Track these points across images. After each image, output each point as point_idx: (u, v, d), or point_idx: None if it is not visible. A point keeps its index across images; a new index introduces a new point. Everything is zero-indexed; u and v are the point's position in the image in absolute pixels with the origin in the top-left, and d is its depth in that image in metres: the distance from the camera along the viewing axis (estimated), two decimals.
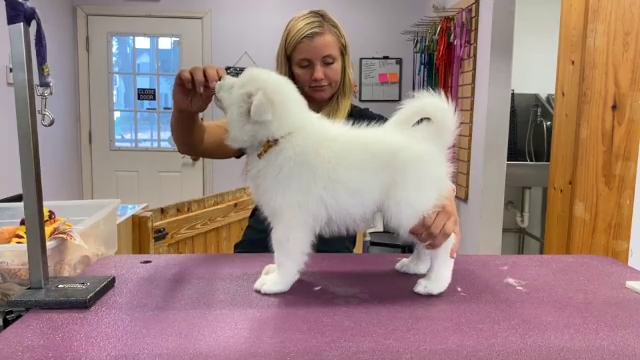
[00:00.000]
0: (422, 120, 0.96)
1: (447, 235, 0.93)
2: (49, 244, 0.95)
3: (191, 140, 1.29)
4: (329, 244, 1.00)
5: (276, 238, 0.94)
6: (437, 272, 0.94)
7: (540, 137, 4.34)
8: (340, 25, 1.48)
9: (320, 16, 1.44)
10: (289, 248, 0.93)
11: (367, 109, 1.59)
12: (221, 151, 1.39)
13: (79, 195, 4.75)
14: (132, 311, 0.84)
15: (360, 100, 4.90)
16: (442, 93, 0.92)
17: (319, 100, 1.47)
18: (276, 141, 0.93)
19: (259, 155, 0.94)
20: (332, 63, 1.45)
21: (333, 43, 1.45)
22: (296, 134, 0.93)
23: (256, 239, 1.47)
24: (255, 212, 1.61)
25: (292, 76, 1.46)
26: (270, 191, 0.93)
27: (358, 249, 3.17)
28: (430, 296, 0.93)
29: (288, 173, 0.92)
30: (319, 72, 1.43)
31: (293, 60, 1.46)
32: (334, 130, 0.97)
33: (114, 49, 4.91)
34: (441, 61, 3.98)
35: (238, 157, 1.50)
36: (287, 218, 0.92)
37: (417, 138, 0.94)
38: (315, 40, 1.41)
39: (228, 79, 1.02)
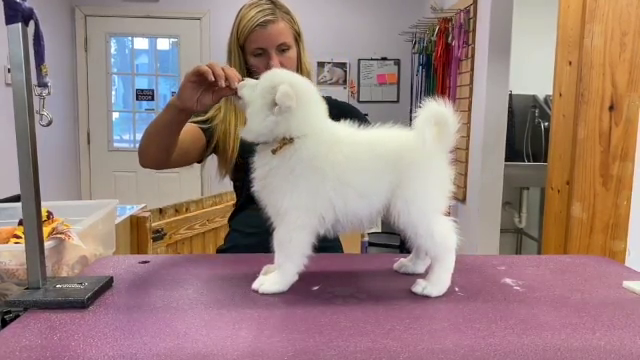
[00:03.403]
0: None
1: None
2: (47, 244, 0.95)
3: (171, 147, 1.25)
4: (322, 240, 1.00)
5: (278, 238, 0.94)
6: (437, 275, 0.94)
7: (538, 138, 4.35)
8: (292, 11, 1.44)
9: (271, 3, 1.40)
10: (290, 249, 0.93)
11: (330, 97, 1.55)
12: (185, 159, 1.37)
13: (77, 195, 4.75)
14: (130, 311, 0.84)
15: (358, 101, 4.92)
16: (441, 98, 0.93)
17: None
18: (291, 140, 0.93)
19: (274, 151, 0.94)
20: (287, 51, 1.41)
21: (286, 30, 1.40)
22: (311, 137, 0.94)
23: (243, 244, 1.45)
24: (237, 214, 1.55)
25: (246, 66, 1.42)
26: (278, 192, 0.93)
27: (356, 249, 3.17)
28: (427, 297, 0.93)
29: (299, 175, 0.92)
30: (275, 60, 1.38)
31: (247, 50, 1.41)
32: (343, 133, 0.98)
33: (112, 50, 4.92)
34: (439, 62, 3.99)
35: (199, 162, 1.48)
36: (292, 219, 0.93)
37: None
38: (268, 28, 1.37)
39: (252, 80, 1.02)
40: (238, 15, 1.41)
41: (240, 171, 1.44)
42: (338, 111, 1.04)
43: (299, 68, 1.47)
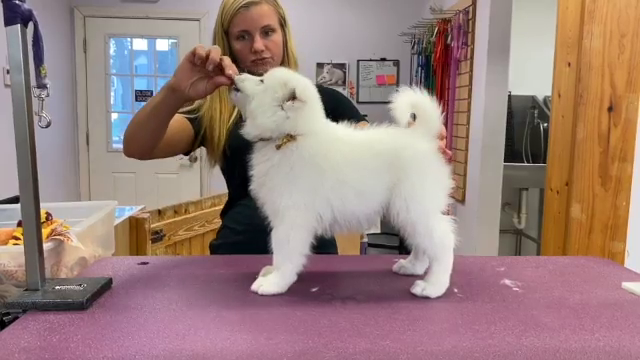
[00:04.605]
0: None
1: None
2: (46, 246, 0.94)
3: (159, 133, 1.21)
4: (318, 247, 1.00)
5: (277, 238, 0.95)
6: (436, 276, 0.94)
7: (537, 138, 4.36)
8: None
9: None
10: (289, 249, 0.94)
11: (321, 85, 1.49)
12: (171, 149, 1.35)
13: (76, 197, 4.74)
14: (129, 312, 0.84)
15: (357, 102, 4.91)
16: (420, 89, 0.95)
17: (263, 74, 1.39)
18: (294, 137, 0.94)
19: (278, 146, 0.94)
20: (272, 34, 1.39)
21: (271, 13, 1.39)
22: (312, 135, 0.95)
23: (234, 242, 1.45)
24: (229, 209, 1.53)
25: (231, 53, 1.40)
26: (277, 190, 0.94)
27: (355, 250, 3.17)
28: (427, 298, 0.93)
29: (298, 173, 0.93)
30: (259, 42, 1.37)
31: (231, 35, 1.39)
32: (341, 132, 0.99)
33: (111, 51, 4.91)
34: (438, 63, 3.99)
35: (187, 154, 1.46)
36: (290, 218, 0.93)
37: (418, 136, 0.96)
38: (251, 10, 1.36)
39: (251, 75, 1.02)
40: (222, 2, 1.41)
41: (230, 163, 1.43)
42: (329, 99, 1.04)
43: (285, 55, 1.46)
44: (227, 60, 1.03)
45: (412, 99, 0.94)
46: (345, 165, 0.93)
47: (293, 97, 0.94)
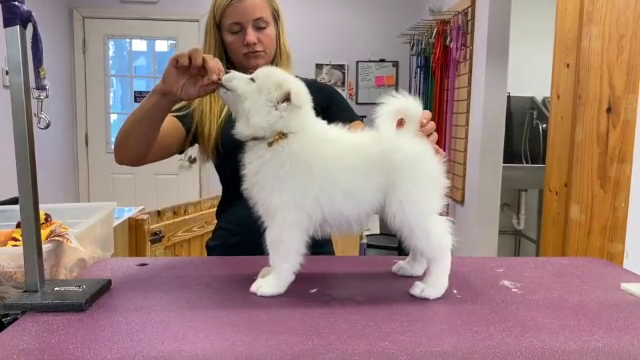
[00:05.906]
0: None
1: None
2: (45, 247, 0.94)
3: (151, 138, 1.21)
4: (314, 246, 1.00)
5: (271, 238, 0.95)
6: (435, 277, 0.94)
7: (536, 139, 4.36)
8: None
9: None
10: (284, 249, 0.94)
11: (315, 80, 1.47)
12: (163, 152, 1.34)
13: (75, 198, 4.74)
14: (128, 314, 0.84)
15: (357, 103, 4.92)
16: (406, 93, 0.94)
17: (255, 68, 1.36)
18: (285, 135, 0.94)
19: (270, 143, 0.94)
20: (265, 28, 1.38)
21: (264, 5, 1.37)
22: (303, 133, 0.95)
23: (230, 243, 1.45)
24: (225, 209, 1.51)
25: (223, 47, 1.40)
26: (268, 188, 0.94)
27: (354, 251, 3.17)
28: (425, 299, 0.93)
29: (288, 170, 0.93)
30: (251, 35, 1.35)
31: (223, 27, 1.38)
32: (332, 133, 0.99)
33: (111, 52, 4.91)
34: (437, 64, 3.99)
35: (181, 152, 1.45)
36: (282, 217, 0.93)
37: (409, 137, 0.95)
38: (244, 2, 1.34)
39: (239, 73, 1.01)
40: None
41: (222, 161, 1.43)
42: (325, 96, 1.04)
43: (278, 49, 1.45)
44: (211, 62, 1.02)
45: (395, 107, 0.93)
46: (334, 165, 0.93)
47: (287, 99, 0.94)
